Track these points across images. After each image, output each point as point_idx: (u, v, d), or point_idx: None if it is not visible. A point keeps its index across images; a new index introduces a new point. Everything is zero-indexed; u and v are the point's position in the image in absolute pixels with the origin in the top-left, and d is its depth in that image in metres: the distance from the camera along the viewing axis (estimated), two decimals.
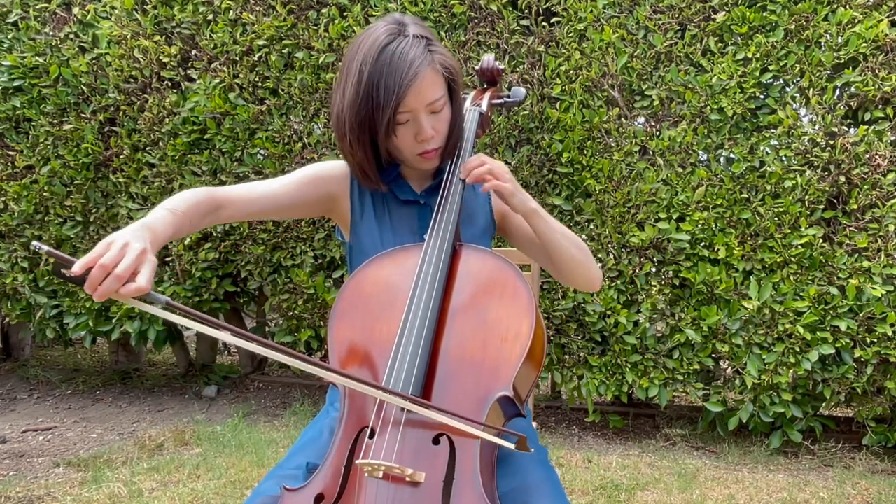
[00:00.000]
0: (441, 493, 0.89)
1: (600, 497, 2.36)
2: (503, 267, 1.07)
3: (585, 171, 2.74)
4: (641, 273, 2.74)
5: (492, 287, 1.06)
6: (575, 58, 2.71)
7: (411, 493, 0.89)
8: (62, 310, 3.54)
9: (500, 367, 0.97)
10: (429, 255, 1.08)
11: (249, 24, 3.01)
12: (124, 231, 0.86)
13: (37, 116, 3.33)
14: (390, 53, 1.05)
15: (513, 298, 1.03)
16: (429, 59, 1.07)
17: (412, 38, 1.07)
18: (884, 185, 2.48)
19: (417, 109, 1.09)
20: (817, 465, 2.71)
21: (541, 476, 1.06)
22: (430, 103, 1.10)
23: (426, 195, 1.24)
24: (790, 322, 2.55)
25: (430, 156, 1.15)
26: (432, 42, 1.10)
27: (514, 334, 0.99)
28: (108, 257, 0.80)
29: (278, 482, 1.00)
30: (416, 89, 1.06)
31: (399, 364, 0.97)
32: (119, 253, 0.81)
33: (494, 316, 1.02)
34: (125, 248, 0.82)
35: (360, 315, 1.07)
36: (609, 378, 2.83)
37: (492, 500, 0.89)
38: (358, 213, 1.24)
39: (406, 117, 1.09)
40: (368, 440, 0.94)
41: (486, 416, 0.94)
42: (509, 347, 0.98)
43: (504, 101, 1.40)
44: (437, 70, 1.10)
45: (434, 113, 1.12)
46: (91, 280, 0.79)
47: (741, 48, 2.58)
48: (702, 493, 2.38)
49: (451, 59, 1.14)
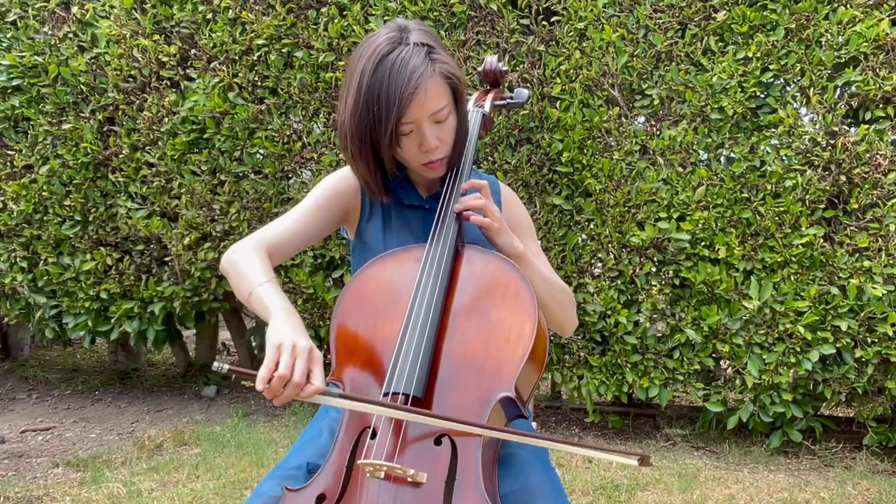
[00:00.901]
0: (443, 493, 0.88)
1: (600, 497, 2.35)
2: (506, 268, 1.07)
3: (585, 170, 2.73)
4: (641, 273, 2.74)
5: (494, 288, 1.05)
6: (575, 57, 2.71)
7: (413, 494, 0.88)
8: (61, 310, 3.53)
9: (502, 367, 0.97)
10: (431, 255, 1.07)
11: (249, 23, 3.01)
12: (282, 328, 0.90)
13: (35, 116, 3.32)
14: (390, 63, 1.03)
15: (515, 299, 1.03)
16: (430, 70, 1.05)
17: (413, 47, 1.05)
18: (884, 185, 2.48)
19: (420, 119, 1.08)
20: (818, 465, 2.70)
21: (541, 477, 1.06)
22: (434, 113, 1.08)
23: (432, 200, 1.23)
24: (791, 322, 2.54)
25: (434, 165, 1.14)
26: (434, 50, 1.08)
27: (516, 335, 0.99)
28: (283, 368, 0.85)
29: (279, 482, 1.00)
30: (418, 101, 1.05)
31: (402, 364, 0.97)
32: (290, 359, 0.86)
33: (497, 316, 1.02)
34: (294, 351, 0.87)
35: (363, 315, 1.07)
36: (609, 378, 2.82)
37: (493, 501, 0.89)
38: (366, 215, 1.24)
39: (409, 128, 1.08)
40: (370, 441, 0.94)
41: (489, 417, 0.94)
42: (511, 348, 0.98)
43: (507, 102, 1.40)
44: (440, 80, 1.08)
45: (438, 122, 1.10)
46: (272, 391, 0.86)
47: (742, 47, 2.58)
48: (702, 493, 2.38)
49: (455, 66, 1.12)
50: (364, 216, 1.24)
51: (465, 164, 1.20)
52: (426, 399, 0.96)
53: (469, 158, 1.21)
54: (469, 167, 1.21)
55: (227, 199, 3.12)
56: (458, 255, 1.10)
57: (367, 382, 1.01)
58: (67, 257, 3.40)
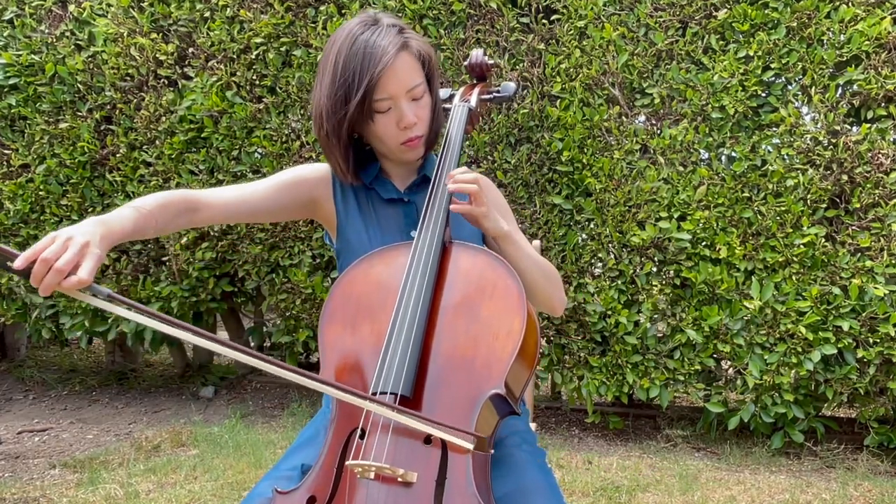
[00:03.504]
0: (433, 493, 0.87)
1: (601, 499, 2.34)
2: (494, 264, 1.06)
3: (586, 169, 2.72)
4: (642, 273, 2.72)
5: (483, 284, 1.04)
6: (575, 55, 2.70)
7: (403, 494, 0.88)
8: (58, 310, 3.51)
9: (492, 364, 0.96)
10: (418, 253, 1.06)
11: (247, 21, 2.99)
12: (74, 226, 0.86)
13: (32, 115, 3.30)
14: (364, 41, 1.07)
15: (504, 295, 1.02)
16: (402, 44, 1.09)
17: (385, 27, 1.09)
18: (887, 184, 2.47)
19: (398, 96, 1.10)
20: (819, 466, 2.69)
21: (538, 478, 1.04)
22: (411, 89, 1.11)
23: (410, 193, 1.24)
24: (792, 322, 2.53)
25: (414, 144, 1.15)
26: (406, 30, 1.12)
27: (505, 331, 0.98)
28: (49, 251, 0.80)
29: (274, 483, 0.99)
30: (392, 72, 1.07)
31: (389, 364, 0.96)
32: (61, 247, 0.81)
33: (486, 313, 1.01)
34: (68, 241, 0.82)
35: (351, 316, 1.06)
36: (609, 378, 2.81)
37: (486, 501, 0.88)
38: (343, 214, 1.23)
39: (387, 105, 1.10)
40: (359, 441, 0.94)
41: (479, 414, 0.93)
42: (501, 345, 0.97)
43: (493, 95, 1.39)
44: (414, 55, 1.11)
45: (415, 100, 1.13)
46: (34, 274, 0.80)
47: (743, 46, 2.56)
48: (703, 494, 2.36)
49: (427, 45, 1.16)
50: (340, 215, 1.23)
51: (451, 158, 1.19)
52: (415, 398, 0.95)
53: (455, 153, 1.20)
54: (455, 161, 1.20)
55: None
56: (445, 252, 1.09)
57: (356, 382, 1.00)
58: None
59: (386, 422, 0.93)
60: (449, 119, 1.26)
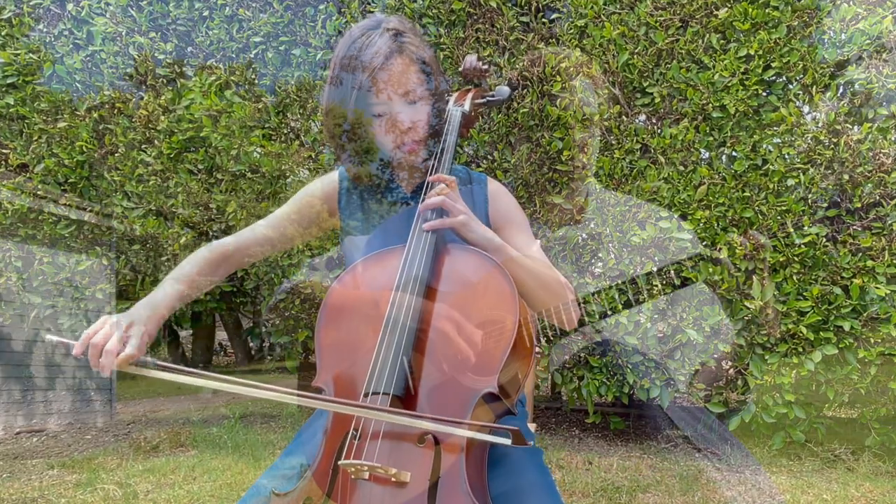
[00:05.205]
0: (427, 492, 0.87)
1: (601, 499, 2.33)
2: (486, 264, 1.06)
3: (586, 169, 2.71)
4: (643, 272, 2.71)
5: (475, 284, 1.05)
6: (575, 54, 2.68)
7: (397, 493, 0.88)
8: (56, 310, 3.50)
9: (484, 363, 0.96)
10: (411, 255, 1.07)
11: (245, 20, 2.98)
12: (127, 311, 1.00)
13: (30, 114, 3.29)
14: (359, 45, 1.11)
15: (496, 294, 1.02)
16: (397, 48, 1.10)
17: (384, 30, 1.11)
18: (888, 184, 2.45)
19: (391, 100, 1.11)
20: (820, 466, 2.68)
21: (535, 478, 1.04)
22: (406, 93, 1.12)
23: (415, 196, 1.25)
24: (793, 322, 2.52)
25: (412, 148, 1.16)
26: (405, 34, 1.13)
27: (498, 330, 0.99)
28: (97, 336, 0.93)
29: (274, 481, 1.01)
30: (385, 75, 1.09)
31: (381, 364, 0.97)
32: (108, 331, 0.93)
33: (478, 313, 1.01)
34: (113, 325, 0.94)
35: (345, 318, 1.07)
36: (610, 379, 2.80)
37: (481, 500, 0.87)
38: (347, 222, 1.26)
39: (381, 108, 1.11)
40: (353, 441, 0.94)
41: (472, 413, 0.93)
42: (493, 343, 0.98)
43: (487, 100, 1.39)
44: (410, 60, 1.12)
45: (412, 104, 1.13)
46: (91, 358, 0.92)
47: (743, 45, 2.55)
48: (704, 495, 2.35)
49: (427, 50, 1.16)
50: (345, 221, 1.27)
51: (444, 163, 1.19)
52: (408, 398, 0.95)
53: (448, 158, 1.20)
54: (448, 166, 1.19)
55: (224, 197, 3.09)
56: (439, 254, 1.09)
57: (350, 384, 1.00)
58: (63, 257, 3.38)
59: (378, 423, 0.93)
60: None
